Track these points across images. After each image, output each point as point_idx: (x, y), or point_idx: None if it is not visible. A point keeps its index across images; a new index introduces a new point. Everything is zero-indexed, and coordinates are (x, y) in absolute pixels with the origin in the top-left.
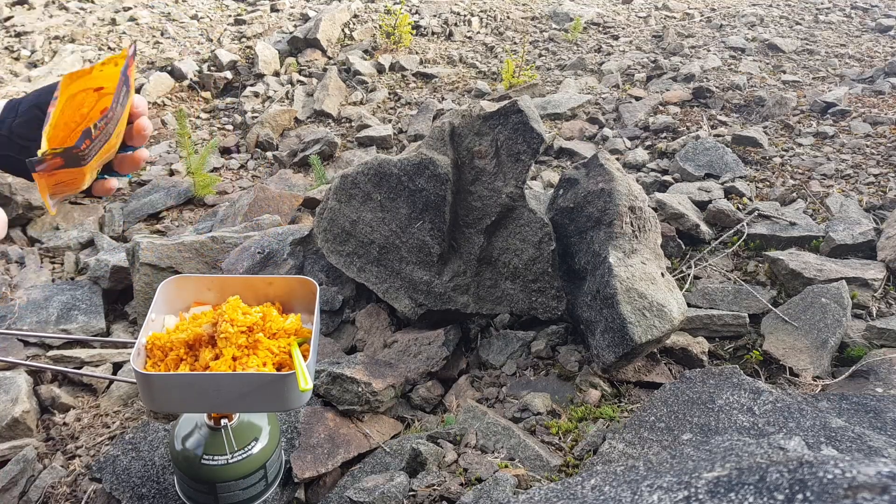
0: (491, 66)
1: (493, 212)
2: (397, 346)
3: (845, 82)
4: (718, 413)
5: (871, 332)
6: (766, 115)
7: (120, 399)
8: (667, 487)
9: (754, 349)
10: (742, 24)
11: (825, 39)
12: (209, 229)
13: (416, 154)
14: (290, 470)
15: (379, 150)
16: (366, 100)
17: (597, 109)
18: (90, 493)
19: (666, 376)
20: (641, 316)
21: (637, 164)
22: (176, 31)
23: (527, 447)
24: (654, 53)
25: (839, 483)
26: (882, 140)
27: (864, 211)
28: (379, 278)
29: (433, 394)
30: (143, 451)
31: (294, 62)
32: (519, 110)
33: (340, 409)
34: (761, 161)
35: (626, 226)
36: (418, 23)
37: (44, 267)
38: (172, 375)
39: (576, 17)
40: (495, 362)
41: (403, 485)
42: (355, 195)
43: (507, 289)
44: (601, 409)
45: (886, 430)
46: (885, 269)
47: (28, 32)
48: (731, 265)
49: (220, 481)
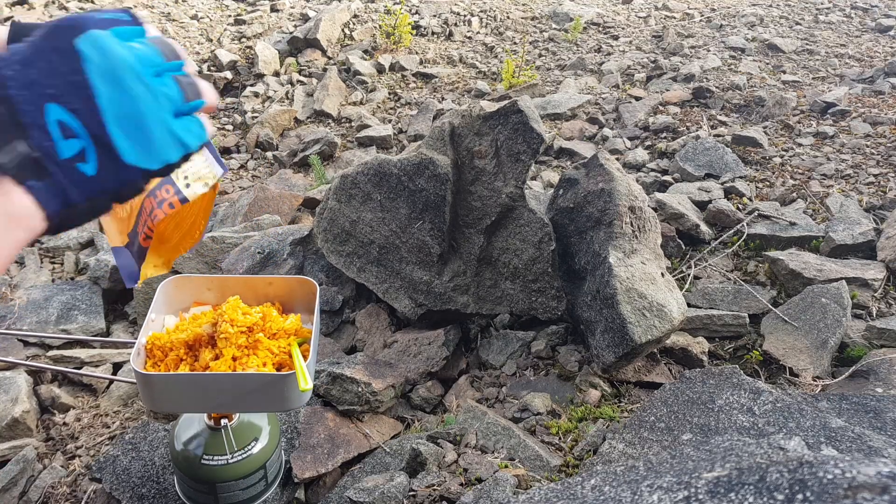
0: (491, 66)
1: (493, 212)
2: (397, 346)
3: (845, 82)
4: (718, 413)
5: (871, 332)
6: (766, 115)
7: (120, 399)
8: (667, 487)
9: (754, 349)
10: (742, 24)
11: (825, 39)
12: (209, 229)
13: (416, 154)
14: (290, 470)
15: (379, 150)
16: (366, 100)
17: (597, 109)
18: (90, 493)
19: (666, 376)
20: (641, 316)
21: (637, 164)
22: (176, 31)
23: (527, 447)
24: (654, 53)
25: (839, 483)
26: (882, 140)
27: (864, 211)
28: (379, 278)
29: (433, 394)
30: (143, 451)
31: (294, 62)
32: (519, 110)
33: (340, 409)
34: (761, 161)
35: (626, 226)
36: (418, 23)
37: (44, 267)
38: (172, 375)
39: (576, 17)
40: (495, 362)
41: (403, 485)
42: (355, 195)
43: (507, 289)
44: (601, 409)
45: (886, 430)
46: (885, 269)
47: None
48: (731, 265)
49: (220, 481)
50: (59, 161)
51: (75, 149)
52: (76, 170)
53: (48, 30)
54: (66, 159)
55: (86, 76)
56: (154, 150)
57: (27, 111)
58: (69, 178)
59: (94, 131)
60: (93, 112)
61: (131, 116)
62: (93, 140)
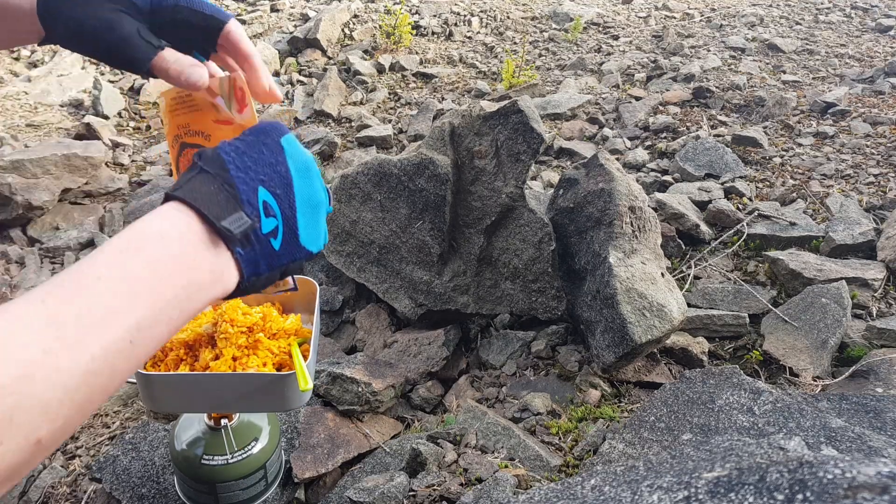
0: (491, 66)
1: (493, 212)
2: (397, 346)
3: (845, 82)
4: (718, 413)
5: (871, 332)
6: (766, 115)
7: (120, 399)
8: (667, 487)
9: (754, 349)
10: (742, 24)
11: (825, 39)
12: None
13: (416, 154)
14: (290, 470)
15: (379, 150)
16: (366, 100)
17: (597, 109)
18: (90, 493)
19: (666, 376)
20: (641, 316)
21: (637, 164)
22: None
23: (527, 447)
24: (654, 53)
25: (839, 483)
26: (882, 140)
27: (864, 211)
28: (379, 278)
29: (433, 394)
30: (143, 451)
31: (294, 62)
32: (519, 110)
33: (340, 409)
34: (761, 161)
35: (626, 226)
36: (418, 23)
37: (44, 267)
38: (172, 375)
39: (576, 17)
40: (495, 362)
41: (403, 485)
42: (355, 195)
43: (507, 289)
44: (601, 409)
45: (886, 430)
46: (885, 269)
47: None
48: (731, 265)
49: (220, 481)
50: (260, 236)
51: (271, 226)
52: (269, 244)
53: (259, 129)
54: (264, 234)
55: (287, 168)
56: (318, 235)
57: (244, 190)
58: (263, 250)
59: (286, 213)
60: (290, 197)
61: (311, 205)
62: (284, 220)
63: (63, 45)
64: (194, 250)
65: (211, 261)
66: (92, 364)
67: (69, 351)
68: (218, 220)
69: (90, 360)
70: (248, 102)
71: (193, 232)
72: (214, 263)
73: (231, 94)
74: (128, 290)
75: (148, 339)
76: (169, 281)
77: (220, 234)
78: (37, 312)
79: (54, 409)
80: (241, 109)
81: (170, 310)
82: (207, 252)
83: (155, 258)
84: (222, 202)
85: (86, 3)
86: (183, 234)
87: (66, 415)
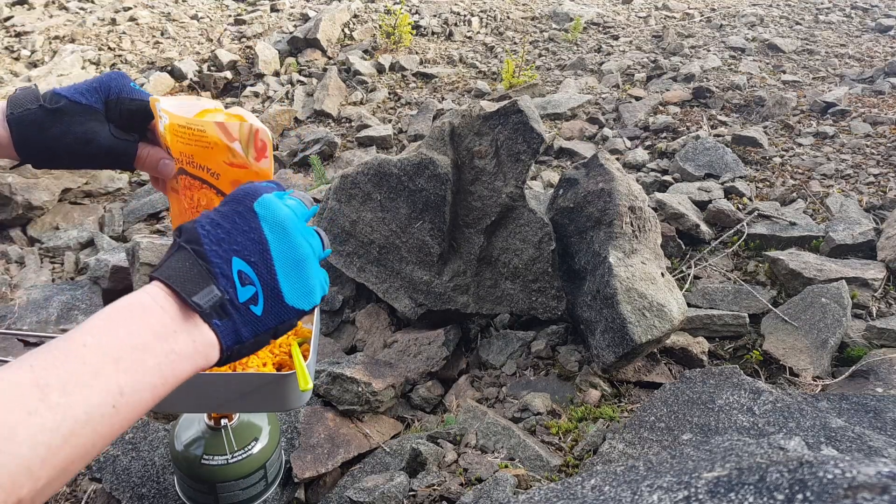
0: (491, 66)
1: (493, 212)
2: (397, 346)
3: (845, 82)
4: (718, 413)
5: (871, 332)
6: (766, 115)
7: None
8: (667, 487)
9: (754, 349)
10: (742, 24)
11: (825, 39)
12: None
13: (416, 154)
14: (290, 470)
15: (379, 150)
16: (366, 100)
17: (597, 109)
18: (90, 493)
19: (666, 376)
20: (641, 316)
21: (637, 164)
22: (176, 31)
23: (527, 447)
24: (654, 53)
25: (839, 483)
26: (882, 140)
27: (864, 211)
28: (379, 278)
29: (433, 394)
30: (143, 451)
31: (294, 62)
32: (519, 110)
33: (340, 409)
34: (761, 161)
35: (626, 226)
36: (418, 23)
37: (44, 267)
38: None
39: (576, 17)
40: (495, 362)
41: (403, 485)
42: (355, 195)
43: (507, 289)
44: (601, 409)
45: (886, 430)
46: (885, 269)
47: (28, 32)
48: (731, 265)
49: (220, 481)
50: (237, 305)
51: (249, 294)
52: (249, 311)
53: (233, 196)
54: (242, 303)
55: (262, 233)
56: (307, 291)
57: (217, 263)
58: (243, 318)
59: (264, 279)
60: (267, 262)
61: (293, 263)
62: (262, 286)
63: (45, 168)
64: (173, 322)
65: (191, 332)
66: (75, 427)
67: (52, 413)
68: (189, 295)
69: (73, 423)
70: (268, 155)
71: (172, 306)
72: (195, 334)
73: (251, 142)
74: (112, 356)
75: (131, 404)
76: (151, 350)
77: (194, 309)
78: (24, 376)
79: (36, 469)
80: (258, 158)
81: (152, 377)
82: (186, 324)
83: (138, 328)
84: (195, 277)
85: (56, 122)
86: (164, 307)
87: (48, 475)
